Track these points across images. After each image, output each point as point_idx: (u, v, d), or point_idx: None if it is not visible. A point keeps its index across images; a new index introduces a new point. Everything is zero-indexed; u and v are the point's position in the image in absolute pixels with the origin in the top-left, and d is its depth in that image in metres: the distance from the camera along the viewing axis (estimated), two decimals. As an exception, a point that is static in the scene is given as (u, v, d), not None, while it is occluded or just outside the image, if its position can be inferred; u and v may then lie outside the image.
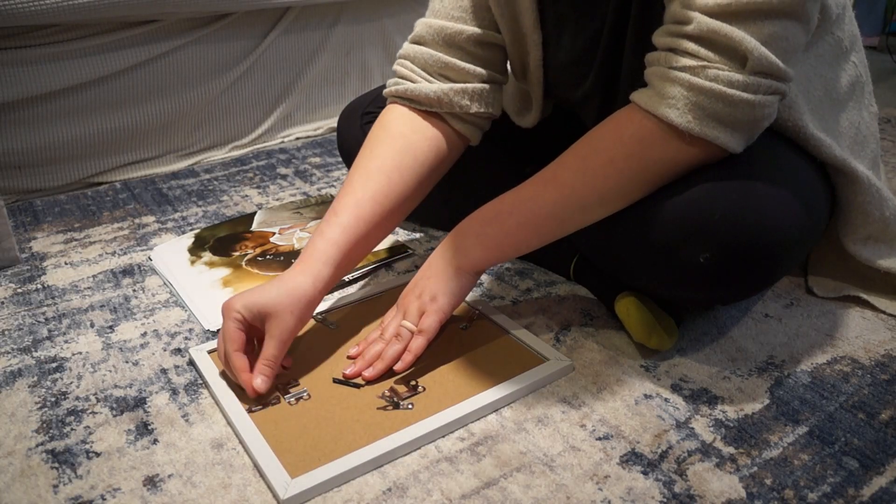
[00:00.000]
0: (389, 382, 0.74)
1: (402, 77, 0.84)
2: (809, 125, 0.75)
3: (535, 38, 0.82)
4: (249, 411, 0.70)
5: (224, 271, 0.98)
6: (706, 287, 0.70)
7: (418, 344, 0.76)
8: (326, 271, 0.75)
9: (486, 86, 0.84)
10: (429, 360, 0.77)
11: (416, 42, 0.84)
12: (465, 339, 0.81)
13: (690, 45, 0.63)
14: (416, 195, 0.84)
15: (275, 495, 0.61)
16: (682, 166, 0.68)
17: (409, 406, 0.70)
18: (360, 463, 0.63)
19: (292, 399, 0.72)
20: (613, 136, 0.69)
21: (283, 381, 0.74)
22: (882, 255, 0.84)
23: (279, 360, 0.72)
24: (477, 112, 0.84)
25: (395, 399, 0.71)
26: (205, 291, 0.93)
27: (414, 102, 0.83)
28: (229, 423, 0.69)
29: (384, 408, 0.70)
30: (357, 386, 0.74)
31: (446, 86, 0.82)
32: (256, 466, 0.64)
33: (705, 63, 0.63)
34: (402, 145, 0.81)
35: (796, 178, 0.71)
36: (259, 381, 0.71)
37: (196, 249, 1.05)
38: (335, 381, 0.74)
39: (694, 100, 0.63)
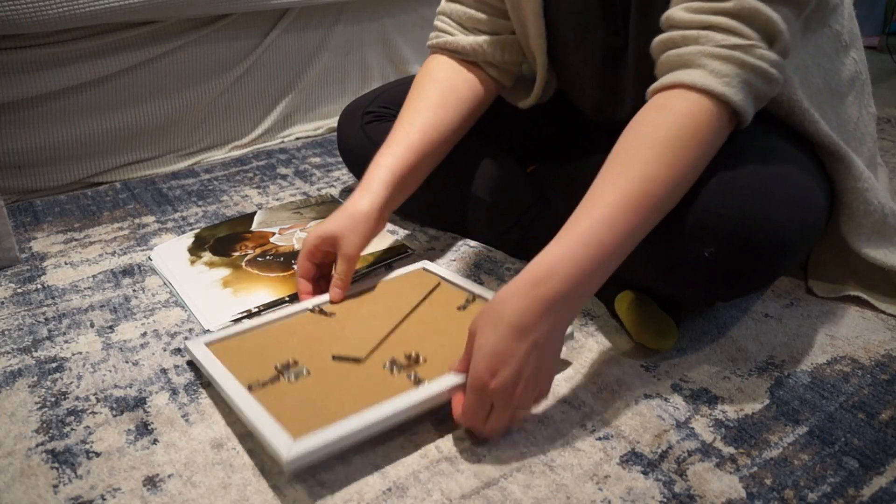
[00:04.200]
0: (391, 354, 0.74)
1: (442, 31, 0.94)
2: (804, 100, 0.75)
3: (535, 10, 0.85)
4: (249, 389, 0.69)
5: (224, 271, 0.98)
6: (709, 283, 0.70)
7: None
8: (382, 192, 0.84)
9: (512, 37, 0.92)
10: (427, 336, 0.77)
11: (452, 0, 0.94)
12: (462, 319, 0.81)
13: (732, 23, 0.63)
14: (458, 129, 0.92)
15: (278, 459, 0.60)
16: (721, 145, 0.68)
17: (416, 377, 0.70)
18: (364, 424, 0.62)
19: (292, 376, 0.71)
20: (691, 128, 0.64)
21: (282, 361, 0.74)
22: (889, 256, 0.84)
23: (349, 275, 0.84)
24: (509, 60, 0.93)
25: (402, 364, 0.72)
26: (205, 291, 0.93)
27: (454, 53, 0.93)
28: (228, 402, 0.69)
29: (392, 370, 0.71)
30: (357, 360, 0.74)
31: (481, 38, 0.91)
32: (258, 435, 0.63)
33: (752, 42, 0.64)
34: (445, 86, 0.91)
35: (799, 172, 0.71)
36: (335, 293, 0.84)
37: (196, 249, 1.05)
38: (335, 357, 0.74)
39: (745, 77, 0.64)
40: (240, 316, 0.88)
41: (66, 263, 1.03)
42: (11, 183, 1.24)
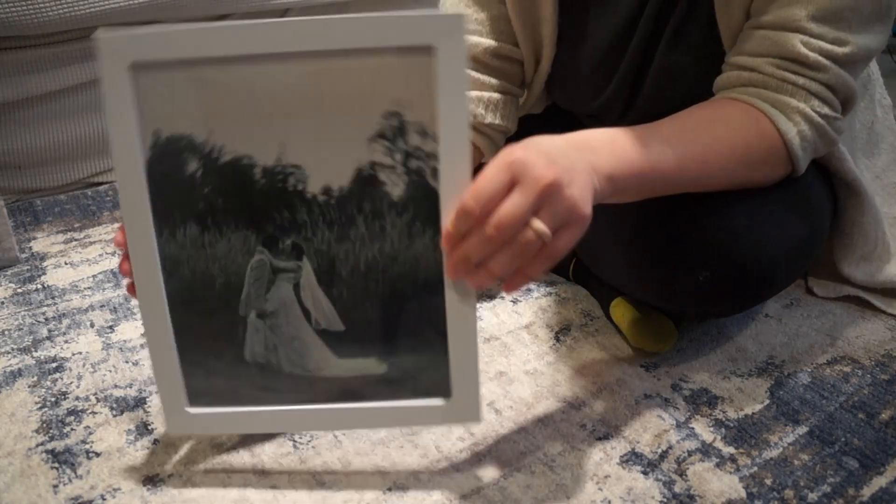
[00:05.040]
0: None
1: None
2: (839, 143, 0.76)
3: (549, 52, 0.81)
4: None
5: None
6: (703, 303, 0.71)
7: (538, 269, 0.53)
8: None
9: (501, 96, 0.81)
10: None
11: None
12: None
13: (827, 94, 0.65)
14: None
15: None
16: (759, 184, 0.69)
17: None
18: None
19: None
20: (763, 153, 0.66)
21: None
22: (873, 273, 0.84)
23: None
24: (491, 123, 0.81)
25: None
26: None
27: None
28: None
29: None
30: None
31: None
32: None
33: (837, 115, 0.66)
34: None
35: (804, 196, 0.71)
36: None
37: None
38: None
39: (818, 146, 0.67)
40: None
41: (66, 263, 1.03)
42: (11, 183, 1.24)
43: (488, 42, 0.80)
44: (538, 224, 0.50)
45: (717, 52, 0.70)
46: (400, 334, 0.58)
